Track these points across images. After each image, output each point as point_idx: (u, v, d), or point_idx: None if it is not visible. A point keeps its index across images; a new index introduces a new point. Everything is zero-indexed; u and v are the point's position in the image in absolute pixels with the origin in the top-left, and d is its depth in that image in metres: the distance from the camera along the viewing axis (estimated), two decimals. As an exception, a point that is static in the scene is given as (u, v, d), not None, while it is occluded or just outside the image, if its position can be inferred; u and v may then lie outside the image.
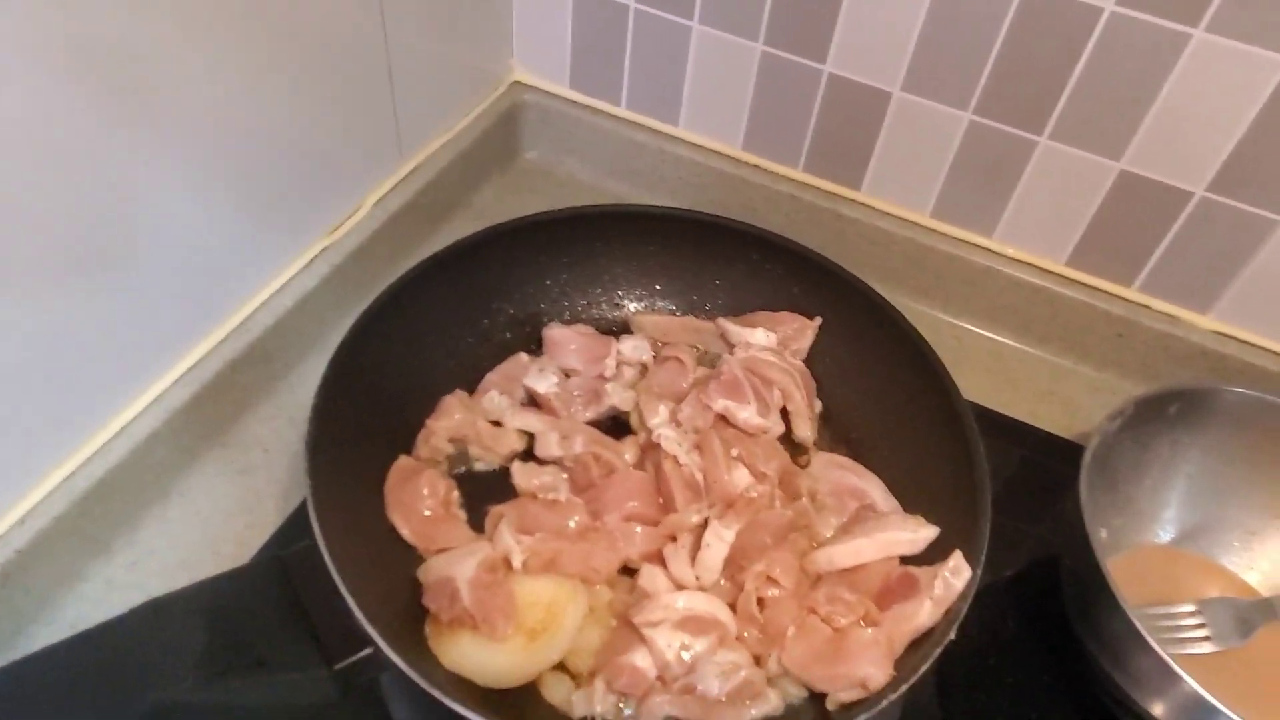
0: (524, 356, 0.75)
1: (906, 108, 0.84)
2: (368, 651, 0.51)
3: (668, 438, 0.66)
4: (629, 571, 0.64)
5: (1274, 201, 0.75)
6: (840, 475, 0.69)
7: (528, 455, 0.71)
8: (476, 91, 0.97)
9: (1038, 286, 0.88)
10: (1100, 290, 0.87)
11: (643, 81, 0.95)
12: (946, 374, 0.68)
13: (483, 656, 0.56)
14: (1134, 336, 0.87)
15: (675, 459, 0.65)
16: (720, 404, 0.70)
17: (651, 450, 0.68)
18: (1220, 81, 0.71)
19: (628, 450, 0.69)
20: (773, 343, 0.75)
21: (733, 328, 0.77)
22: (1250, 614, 0.70)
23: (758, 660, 0.59)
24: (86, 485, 0.66)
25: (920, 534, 0.63)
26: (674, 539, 0.63)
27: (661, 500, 0.65)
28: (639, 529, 0.63)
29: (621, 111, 0.99)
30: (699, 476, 0.65)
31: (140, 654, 0.46)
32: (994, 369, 0.90)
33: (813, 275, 0.77)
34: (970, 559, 0.58)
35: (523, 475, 0.68)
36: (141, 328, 0.68)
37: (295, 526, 0.72)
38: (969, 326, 0.93)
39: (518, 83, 1.01)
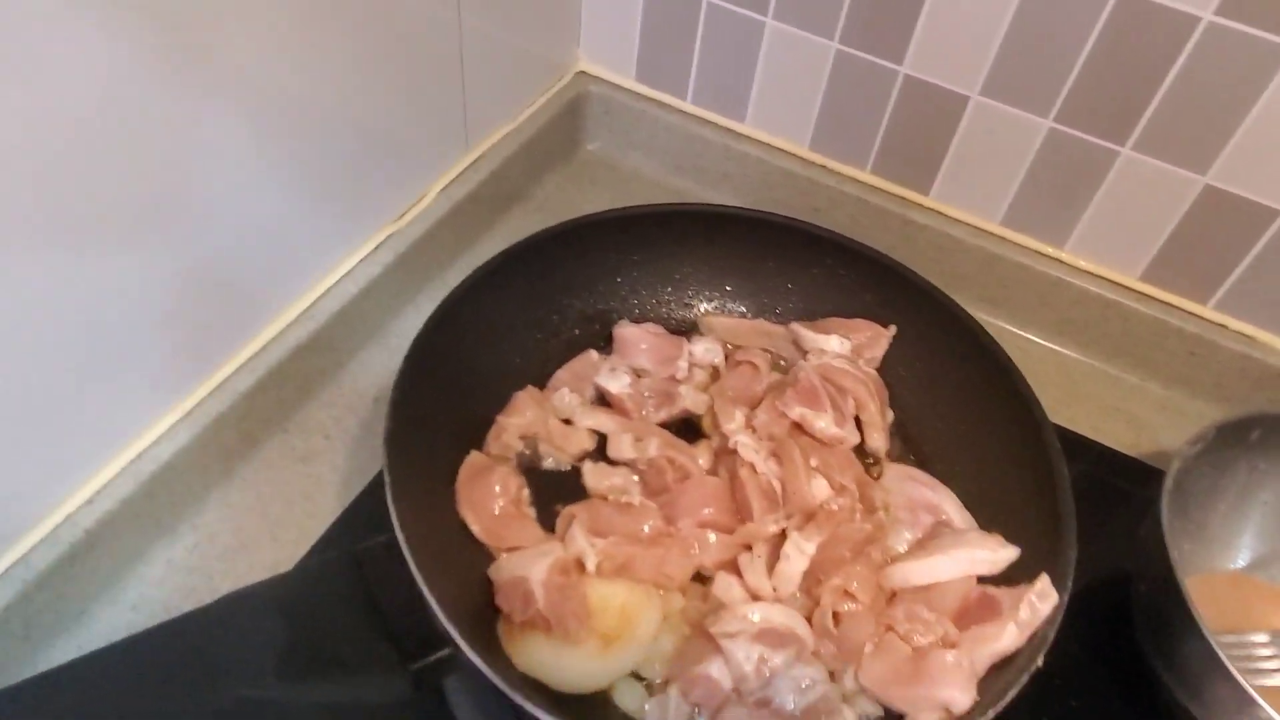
0: (594, 354, 0.75)
1: (984, 112, 0.82)
2: (445, 652, 0.50)
3: (745, 445, 0.64)
4: (701, 579, 0.63)
5: (1366, 223, 0.73)
6: (914, 488, 0.67)
7: (598, 455, 0.70)
8: (541, 80, 0.96)
9: (1109, 300, 0.86)
10: (1174, 307, 0.85)
11: (711, 76, 0.94)
12: (1029, 389, 0.67)
13: (557, 660, 0.55)
14: (1208, 355, 0.85)
15: (753, 466, 0.64)
16: (797, 411, 0.68)
17: (726, 456, 0.67)
18: (1320, 98, 0.69)
19: (701, 455, 0.69)
20: (847, 350, 0.74)
21: (806, 333, 0.76)
22: (1326, 647, 0.68)
23: (832, 676, 0.58)
24: (154, 468, 0.65)
25: (1000, 554, 0.61)
26: (749, 548, 0.62)
27: (736, 508, 0.64)
28: (713, 536, 0.62)
29: (687, 106, 0.97)
30: (776, 485, 0.64)
31: (221, 648, 0.46)
32: (1059, 383, 0.88)
33: (888, 282, 0.75)
34: (1055, 583, 0.57)
35: (594, 476, 0.67)
36: (210, 310, 0.67)
37: (356, 516, 0.72)
38: (1035, 338, 0.91)
39: (582, 73, 1.00)
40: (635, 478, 0.67)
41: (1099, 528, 0.80)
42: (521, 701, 0.48)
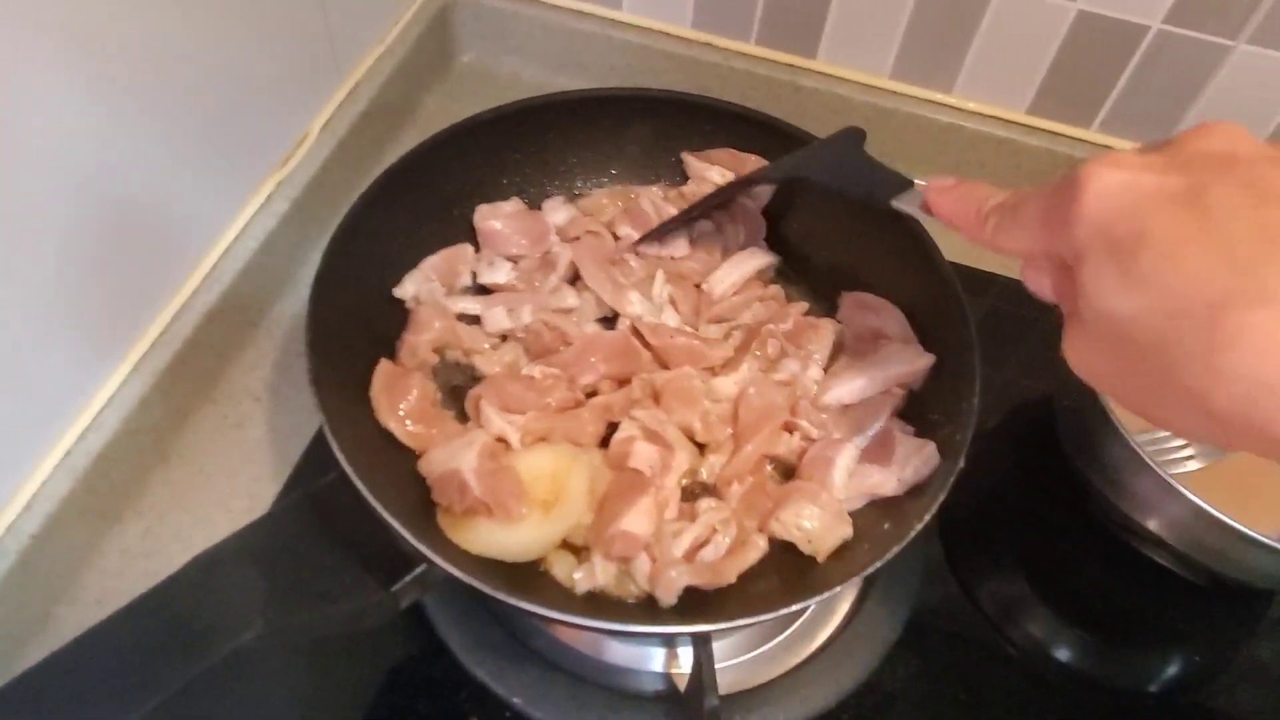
0: (469, 248, 0.73)
1: (860, -33, 0.82)
2: (421, 569, 0.52)
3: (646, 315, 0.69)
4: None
5: (1227, 27, 0.76)
6: (865, 316, 0.70)
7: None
8: (405, -6, 0.92)
9: (1001, 139, 0.88)
10: (1062, 135, 0.88)
11: (581, -36, 0.91)
12: (923, 230, 0.69)
13: (504, 537, 0.56)
14: (1096, 177, 0.88)
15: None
16: (624, 231, 0.73)
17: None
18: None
19: (572, 297, 0.70)
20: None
21: (692, 161, 0.77)
22: (1228, 428, 0.74)
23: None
24: (86, 461, 0.63)
25: (919, 363, 0.66)
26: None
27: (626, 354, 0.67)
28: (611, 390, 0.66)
29: (561, 0, 0.94)
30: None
31: (202, 609, 0.46)
32: (962, 225, 0.91)
33: (774, 139, 0.75)
34: (958, 433, 0.60)
35: (487, 362, 0.67)
36: (113, 288, 0.64)
37: (309, 467, 0.71)
38: (933, 185, 0.94)
39: (446, -20, 0.95)
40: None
41: (1007, 357, 0.85)
42: (505, 597, 0.49)
